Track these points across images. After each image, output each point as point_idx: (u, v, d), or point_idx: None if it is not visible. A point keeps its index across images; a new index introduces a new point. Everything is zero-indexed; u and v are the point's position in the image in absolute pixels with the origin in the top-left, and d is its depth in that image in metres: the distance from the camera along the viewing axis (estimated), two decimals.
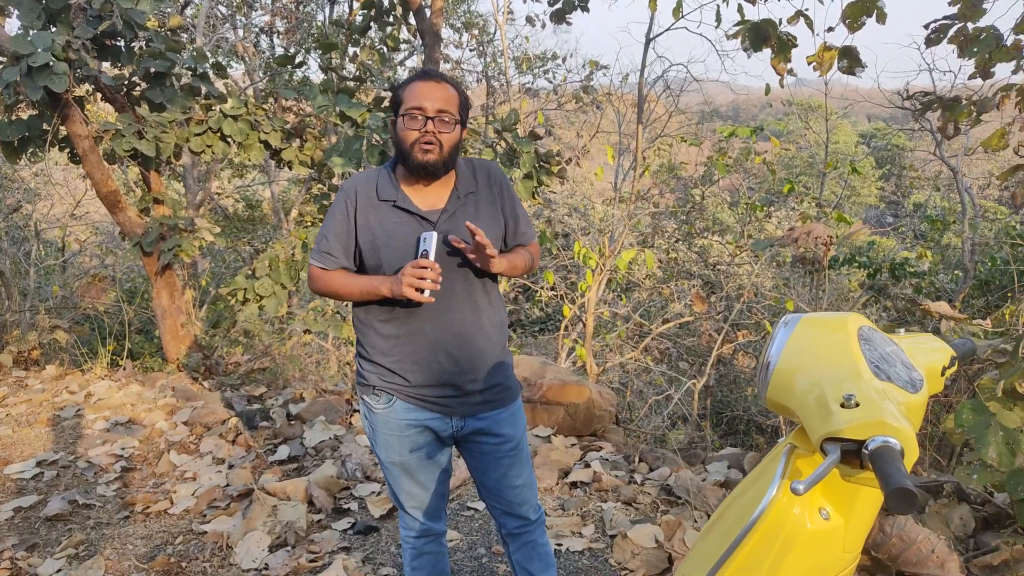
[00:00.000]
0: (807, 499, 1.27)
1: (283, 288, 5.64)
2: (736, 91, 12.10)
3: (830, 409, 1.15)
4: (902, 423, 1.10)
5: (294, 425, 4.47)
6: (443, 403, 2.05)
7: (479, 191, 2.07)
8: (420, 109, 1.91)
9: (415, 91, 1.93)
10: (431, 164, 1.94)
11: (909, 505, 0.98)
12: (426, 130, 1.91)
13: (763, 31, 5.67)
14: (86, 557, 3.17)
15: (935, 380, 1.41)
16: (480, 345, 2.04)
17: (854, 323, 1.32)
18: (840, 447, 1.13)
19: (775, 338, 1.35)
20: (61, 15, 4.84)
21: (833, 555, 1.30)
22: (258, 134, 5.61)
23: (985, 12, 4.86)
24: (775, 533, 1.27)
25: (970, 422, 2.86)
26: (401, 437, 2.07)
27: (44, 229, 10.58)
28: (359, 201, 2.00)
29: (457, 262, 2.00)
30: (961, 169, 8.72)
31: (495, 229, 2.07)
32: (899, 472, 1.00)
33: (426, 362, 2.01)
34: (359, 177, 2.06)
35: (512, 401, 2.16)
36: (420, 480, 2.14)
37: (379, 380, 2.05)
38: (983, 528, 3.02)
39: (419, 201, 2.00)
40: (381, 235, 1.98)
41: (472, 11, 11.78)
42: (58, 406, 4.87)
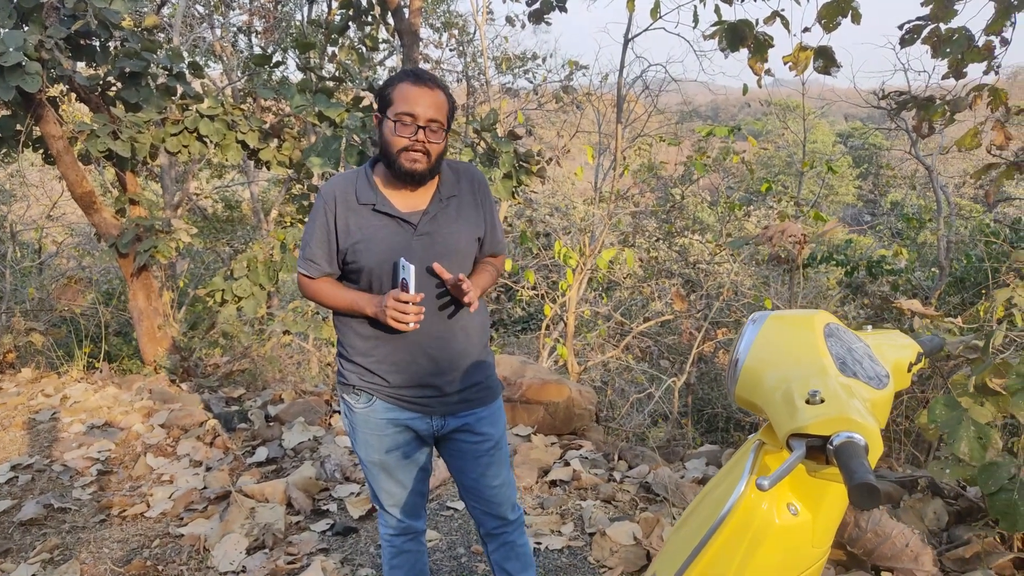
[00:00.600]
0: (775, 495, 1.28)
1: (261, 289, 5.61)
2: (715, 91, 12.18)
3: (795, 405, 1.17)
4: (867, 419, 1.11)
5: (273, 427, 4.44)
6: (423, 403, 2.04)
7: (461, 195, 2.06)
8: (412, 116, 1.88)
9: (407, 95, 1.89)
10: (418, 173, 1.93)
11: (872, 500, 0.99)
12: (416, 139, 1.89)
13: (740, 31, 5.72)
14: (61, 561, 3.14)
15: (902, 376, 1.43)
16: (460, 346, 2.04)
17: (821, 320, 1.34)
18: (806, 443, 1.14)
19: (743, 336, 1.36)
20: (33, 14, 4.78)
21: (802, 550, 1.32)
22: (235, 134, 5.58)
23: (956, 13, 4.93)
24: (744, 529, 1.28)
25: (943, 417, 2.90)
26: (381, 436, 2.07)
27: (20, 231, 10.45)
28: (338, 206, 1.98)
29: (438, 263, 1.99)
30: (936, 168, 8.83)
31: (474, 234, 2.07)
32: (862, 467, 1.02)
33: (405, 363, 2.00)
34: (337, 180, 2.03)
35: (492, 400, 2.16)
36: (399, 479, 2.14)
37: (359, 380, 2.04)
38: (956, 522, 3.06)
39: (399, 203, 1.99)
40: (362, 239, 1.96)
41: (452, 11, 11.76)
42: (33, 409, 4.81)
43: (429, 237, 1.98)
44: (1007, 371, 2.82)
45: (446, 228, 2.01)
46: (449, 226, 2.01)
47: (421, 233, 1.97)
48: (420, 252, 1.96)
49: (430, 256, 1.97)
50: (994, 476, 2.68)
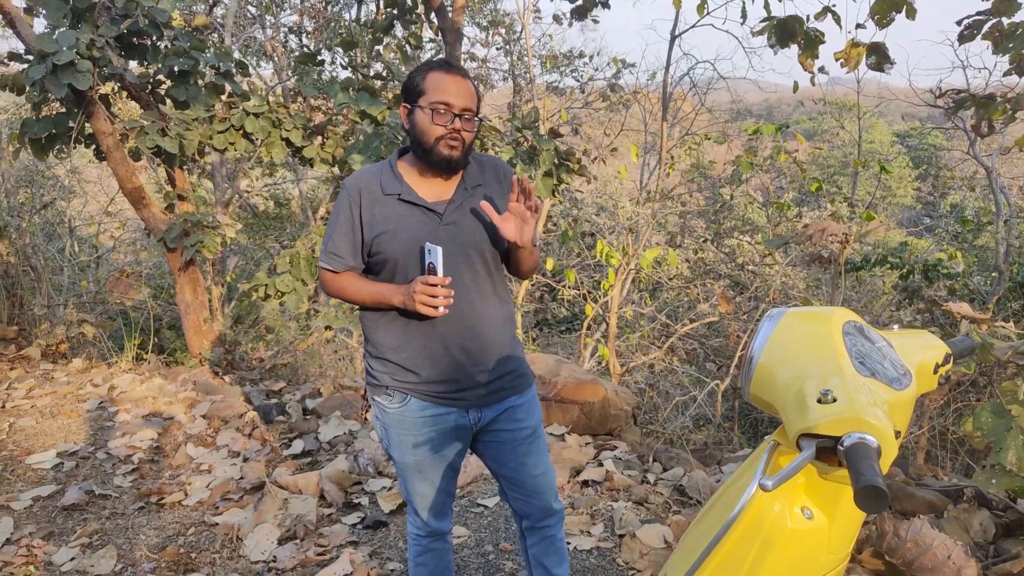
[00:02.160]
0: (788, 498, 1.23)
1: (304, 284, 5.68)
2: (769, 90, 11.98)
3: (807, 404, 1.12)
4: (881, 420, 1.06)
5: (309, 420, 4.49)
6: (458, 397, 2.02)
7: (487, 184, 2.06)
8: (448, 105, 1.89)
9: (440, 85, 1.91)
10: (454, 160, 1.94)
11: (878, 504, 0.94)
12: (453, 127, 1.90)
13: (789, 27, 5.60)
14: (100, 546, 3.22)
15: (926, 378, 1.36)
16: (491, 335, 2.03)
17: (840, 318, 1.28)
18: (816, 444, 1.10)
19: (759, 332, 1.32)
20: (87, 14, 4.92)
21: (817, 556, 1.27)
22: (280, 132, 5.65)
23: (1020, 7, 4.74)
24: (755, 531, 1.24)
25: (989, 425, 2.78)
26: (416, 436, 2.04)
27: (78, 226, 10.79)
28: (363, 198, 1.98)
29: (465, 253, 1.98)
30: (997, 168, 8.51)
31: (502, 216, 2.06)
32: (871, 470, 0.97)
33: (439, 356, 1.98)
34: (361, 173, 2.04)
35: (527, 388, 2.14)
36: (432, 479, 2.11)
37: (391, 380, 2.02)
38: (1004, 535, 2.93)
39: (424, 193, 1.99)
40: (387, 230, 1.95)
41: (498, 10, 11.77)
42: (82, 398, 4.95)
43: (455, 226, 1.97)
44: None
45: (472, 217, 2.00)
46: (476, 215, 2.00)
47: (447, 222, 1.97)
48: (446, 241, 1.94)
49: (456, 245, 1.96)
50: None
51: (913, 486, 3.27)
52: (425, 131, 1.91)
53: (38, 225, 9.03)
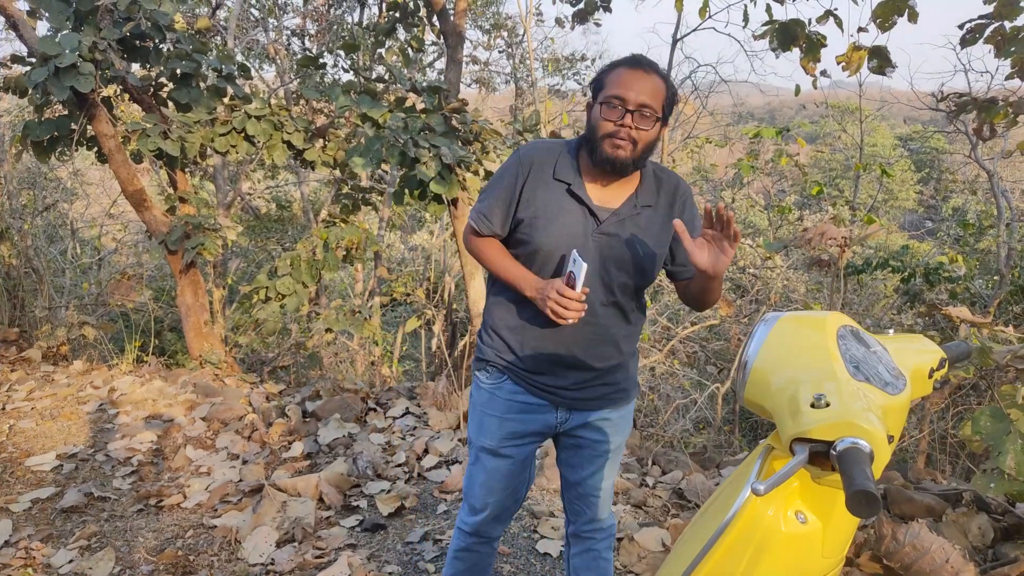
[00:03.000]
0: (782, 502, 1.23)
1: (304, 287, 5.69)
2: (771, 93, 11.96)
3: (800, 409, 1.12)
4: (873, 425, 1.06)
5: (309, 422, 4.49)
6: (552, 392, 1.97)
7: (658, 207, 1.93)
8: (621, 100, 1.76)
9: (620, 78, 1.78)
10: (620, 161, 1.80)
11: (869, 509, 0.94)
12: (622, 124, 1.77)
13: (791, 31, 5.61)
14: (98, 549, 3.22)
15: (921, 382, 1.36)
16: (607, 351, 1.96)
17: (834, 322, 1.28)
18: (809, 448, 1.10)
19: (754, 336, 1.32)
20: (89, 17, 4.94)
21: (811, 560, 1.27)
22: (281, 134, 5.67)
23: (1022, 11, 4.74)
24: (748, 535, 1.24)
25: (988, 429, 2.78)
26: (501, 420, 2.00)
27: (80, 228, 10.81)
28: (532, 173, 1.90)
29: (606, 269, 1.89)
30: (999, 172, 8.50)
31: (665, 245, 1.95)
32: (863, 474, 0.97)
33: (546, 352, 1.93)
34: (540, 146, 1.94)
35: (625, 404, 2.07)
36: (504, 472, 2.05)
37: (495, 356, 2.00)
38: (1003, 539, 2.93)
39: (594, 194, 1.88)
40: (543, 216, 1.87)
41: (500, 13, 11.79)
42: (82, 400, 4.95)
43: (609, 239, 1.87)
44: None
45: (629, 237, 1.88)
46: (633, 236, 1.89)
47: (604, 232, 1.87)
48: (595, 251, 1.86)
49: (603, 257, 1.87)
50: None
51: (912, 490, 3.27)
52: (595, 126, 1.81)
53: (40, 227, 9.05)
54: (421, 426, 4.56)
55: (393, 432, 4.46)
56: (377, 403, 4.91)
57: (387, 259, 12.85)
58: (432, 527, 3.37)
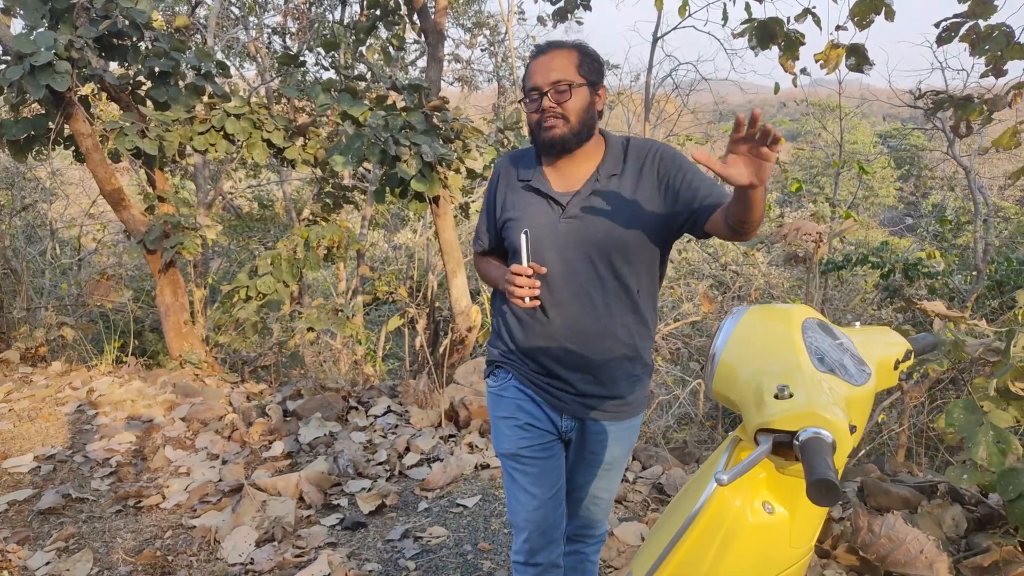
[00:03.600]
0: (749, 492, 1.25)
1: (285, 286, 5.67)
2: (751, 91, 12.04)
3: (764, 400, 1.13)
4: (836, 415, 1.08)
5: (290, 422, 4.48)
6: (556, 395, 1.91)
7: (624, 174, 1.84)
8: (534, 89, 1.79)
9: (529, 72, 1.83)
10: (558, 138, 1.79)
11: (830, 497, 0.96)
12: (543, 108, 1.78)
13: (770, 29, 5.65)
14: (76, 550, 3.19)
15: (887, 373, 1.38)
16: (605, 345, 1.85)
17: (800, 315, 1.30)
18: (772, 438, 1.11)
19: (722, 329, 1.33)
20: (65, 15, 4.89)
21: (779, 549, 1.28)
22: (261, 133, 5.64)
23: (996, 10, 4.80)
24: (716, 526, 1.25)
25: (961, 422, 2.82)
26: (510, 421, 1.95)
27: (59, 228, 10.71)
28: (501, 181, 1.96)
29: (584, 252, 1.81)
30: (975, 169, 8.60)
31: (646, 211, 1.81)
32: (823, 464, 0.98)
33: (544, 352, 1.89)
34: (510, 156, 1.99)
35: (631, 417, 1.98)
36: (534, 476, 1.95)
37: (499, 355, 1.98)
38: (976, 529, 2.96)
39: (556, 182, 1.87)
40: (514, 216, 1.89)
41: (482, 11, 11.77)
42: (60, 402, 4.91)
43: (576, 221, 1.81)
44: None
45: (599, 213, 1.81)
46: (604, 211, 1.81)
47: (569, 215, 1.82)
48: (566, 237, 1.81)
49: (576, 242, 1.81)
50: (1014, 482, 2.60)
51: (888, 482, 3.31)
52: (529, 123, 1.85)
53: (19, 227, 8.96)
54: (403, 424, 4.55)
55: (375, 430, 4.46)
56: (359, 402, 4.90)
57: (370, 258, 12.83)
58: (413, 524, 3.38)
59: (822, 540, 2.98)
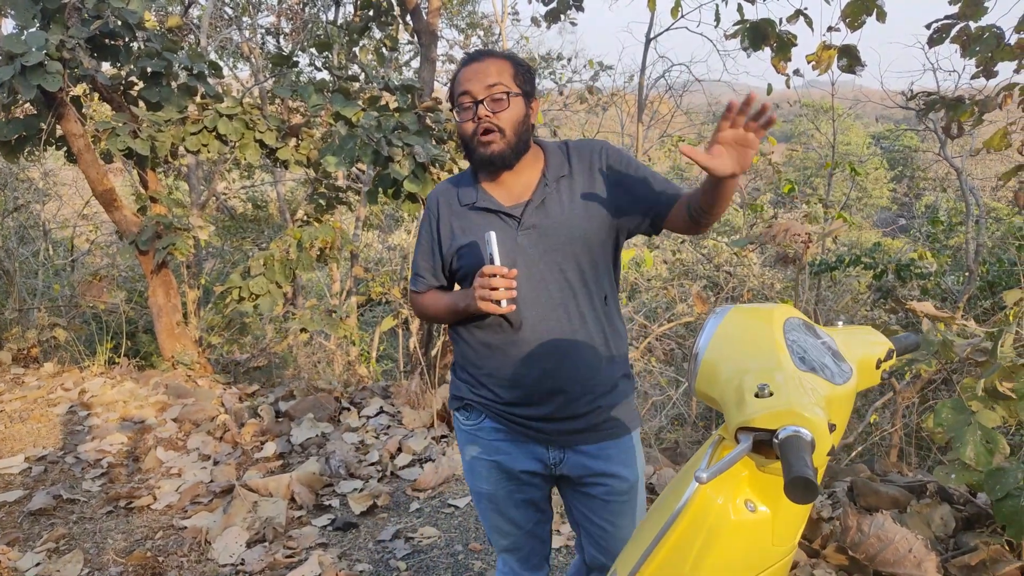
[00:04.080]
0: (731, 491, 1.25)
1: (278, 287, 5.66)
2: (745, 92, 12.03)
3: (744, 399, 1.14)
4: (815, 413, 1.08)
5: (282, 422, 4.48)
6: (537, 428, 1.76)
7: (573, 174, 1.76)
8: (467, 94, 1.67)
9: (460, 78, 1.70)
10: (497, 155, 1.69)
11: (807, 495, 0.96)
12: (478, 116, 1.66)
13: (762, 30, 5.66)
14: (66, 551, 3.19)
15: (868, 372, 1.39)
16: (585, 359, 1.73)
17: (782, 314, 1.30)
18: (753, 437, 1.12)
19: (705, 329, 1.33)
20: (56, 15, 4.88)
21: (761, 548, 1.28)
22: (253, 133, 5.64)
23: (986, 11, 4.82)
24: (699, 524, 1.25)
25: (949, 421, 2.83)
26: (490, 463, 1.82)
27: (52, 229, 10.69)
28: (440, 211, 1.82)
29: (551, 261, 1.72)
30: (967, 169, 8.63)
31: (600, 211, 1.74)
32: (801, 461, 0.99)
33: (519, 377, 1.73)
34: (441, 186, 1.87)
35: (625, 434, 1.81)
36: (511, 517, 1.87)
37: (469, 392, 1.82)
38: (964, 528, 2.98)
39: (502, 197, 1.76)
40: (465, 243, 1.76)
41: (476, 12, 11.78)
42: (52, 403, 4.91)
43: (536, 230, 1.72)
44: (1017, 375, 2.75)
45: (556, 216, 1.72)
46: (560, 213, 1.72)
47: (527, 227, 1.72)
48: (529, 248, 1.71)
49: (541, 252, 1.71)
50: (1001, 481, 2.61)
51: (878, 482, 3.32)
52: (461, 135, 1.73)
53: (11, 228, 8.94)
54: (395, 425, 4.56)
55: (367, 431, 4.46)
56: (351, 402, 4.90)
57: (365, 259, 12.81)
58: (404, 525, 3.38)
59: (812, 539, 2.99)
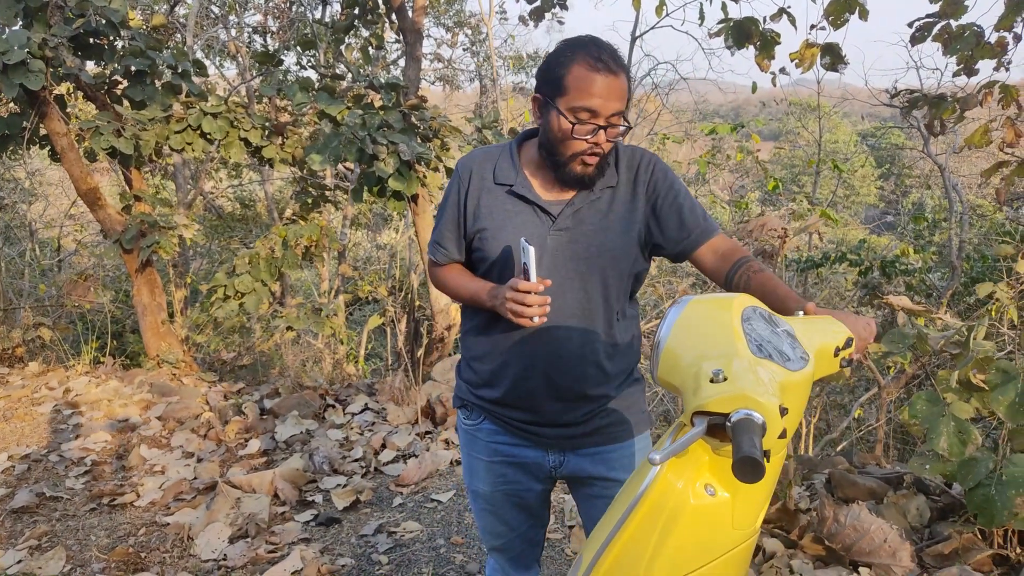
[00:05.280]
0: (691, 475, 1.28)
1: (264, 285, 5.67)
2: (730, 91, 12.12)
3: (700, 384, 1.17)
4: (767, 397, 1.11)
5: (266, 420, 4.49)
6: (534, 432, 1.72)
7: (619, 185, 1.67)
8: (594, 113, 1.52)
9: (587, 84, 1.51)
10: (591, 179, 1.61)
11: (754, 474, 0.99)
12: (597, 142, 1.54)
13: (746, 29, 5.70)
14: (48, 548, 3.20)
15: (827, 360, 1.41)
16: (588, 371, 1.67)
17: (740, 304, 1.33)
18: (707, 421, 1.14)
19: (666, 318, 1.36)
20: (39, 13, 4.88)
21: (721, 532, 1.31)
22: (238, 131, 5.64)
23: (967, 9, 4.86)
24: (659, 508, 1.28)
25: (924, 413, 2.87)
26: (488, 464, 1.78)
27: (39, 229, 10.65)
28: (472, 183, 1.69)
29: (575, 268, 1.64)
30: (951, 166, 8.71)
31: (634, 228, 1.67)
32: (749, 442, 1.02)
33: (519, 379, 1.68)
34: (476, 154, 1.74)
35: (629, 437, 1.76)
36: (506, 519, 1.84)
37: (468, 392, 1.78)
38: (939, 518, 3.02)
39: (542, 189, 1.66)
40: (490, 226, 1.66)
41: (463, 11, 11.80)
42: (36, 402, 4.90)
43: (568, 233, 1.63)
44: (988, 366, 2.79)
45: (592, 224, 1.64)
46: (597, 222, 1.64)
47: (560, 228, 1.63)
48: (556, 250, 1.63)
49: (566, 257, 1.63)
50: (973, 471, 2.65)
51: (856, 474, 3.36)
52: (561, 141, 1.57)
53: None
54: (380, 421, 4.57)
55: (352, 428, 4.47)
56: (336, 399, 4.91)
57: (354, 258, 12.82)
58: (387, 519, 3.40)
59: (789, 530, 3.03)
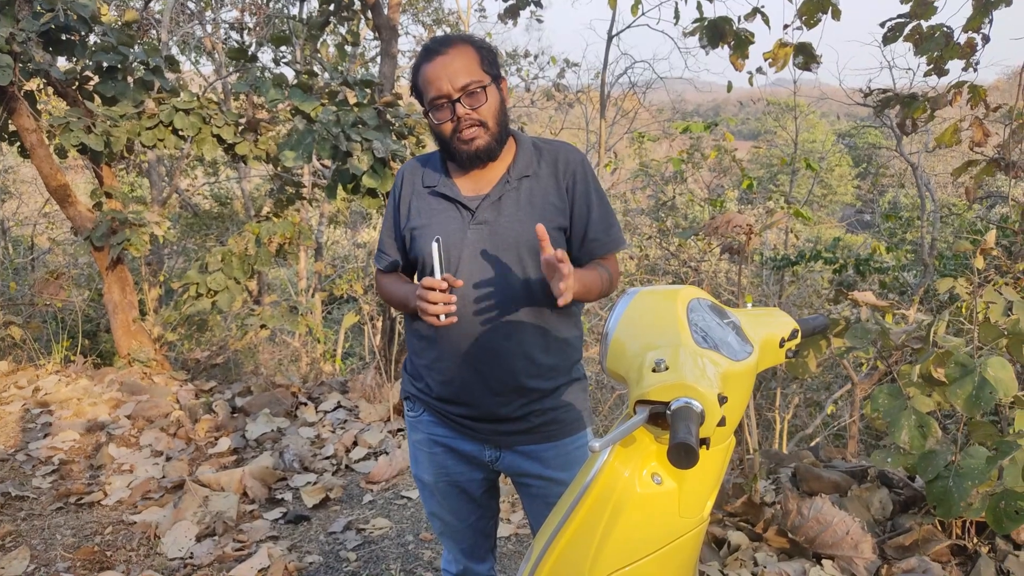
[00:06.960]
0: (638, 463, 1.29)
1: (236, 283, 5.63)
2: (712, 91, 12.21)
3: (643, 374, 1.18)
4: (706, 386, 1.13)
5: (237, 418, 4.46)
6: (470, 426, 1.76)
7: (538, 175, 1.72)
8: (441, 96, 1.62)
9: (427, 77, 1.63)
10: (483, 150, 1.66)
11: (688, 460, 1.01)
12: (457, 116, 1.62)
13: (720, 28, 5.74)
14: (12, 548, 3.17)
15: (772, 351, 1.43)
16: (518, 363, 1.69)
17: (686, 295, 1.35)
18: (649, 409, 1.16)
19: (615, 309, 1.38)
20: (6, 8, 4.82)
21: (668, 519, 1.32)
22: (210, 128, 5.60)
23: (936, 11, 4.92)
24: (606, 497, 1.29)
25: (886, 407, 2.90)
26: (429, 455, 1.83)
27: (11, 227, 10.53)
28: (403, 188, 1.78)
29: (499, 260, 1.67)
30: (924, 165, 8.82)
31: (554, 219, 1.70)
32: (686, 429, 1.03)
33: (450, 374, 1.72)
34: (410, 163, 1.83)
35: (565, 436, 1.78)
36: (451, 508, 1.88)
37: (410, 385, 1.84)
38: (901, 510, 3.06)
39: (465, 186, 1.72)
40: (419, 226, 1.72)
41: (441, 8, 11.79)
42: (5, 401, 4.84)
43: (488, 227, 1.67)
44: (947, 360, 2.82)
45: (509, 216, 1.68)
46: (514, 213, 1.68)
47: (480, 221, 1.68)
48: (476, 244, 1.67)
49: (488, 248, 1.67)
50: (932, 464, 2.69)
51: (821, 468, 3.40)
52: (438, 136, 1.68)
53: None
54: (352, 419, 4.56)
55: (323, 425, 4.46)
56: (309, 397, 4.90)
57: (332, 256, 12.76)
58: (356, 516, 3.39)
59: (754, 523, 3.05)
